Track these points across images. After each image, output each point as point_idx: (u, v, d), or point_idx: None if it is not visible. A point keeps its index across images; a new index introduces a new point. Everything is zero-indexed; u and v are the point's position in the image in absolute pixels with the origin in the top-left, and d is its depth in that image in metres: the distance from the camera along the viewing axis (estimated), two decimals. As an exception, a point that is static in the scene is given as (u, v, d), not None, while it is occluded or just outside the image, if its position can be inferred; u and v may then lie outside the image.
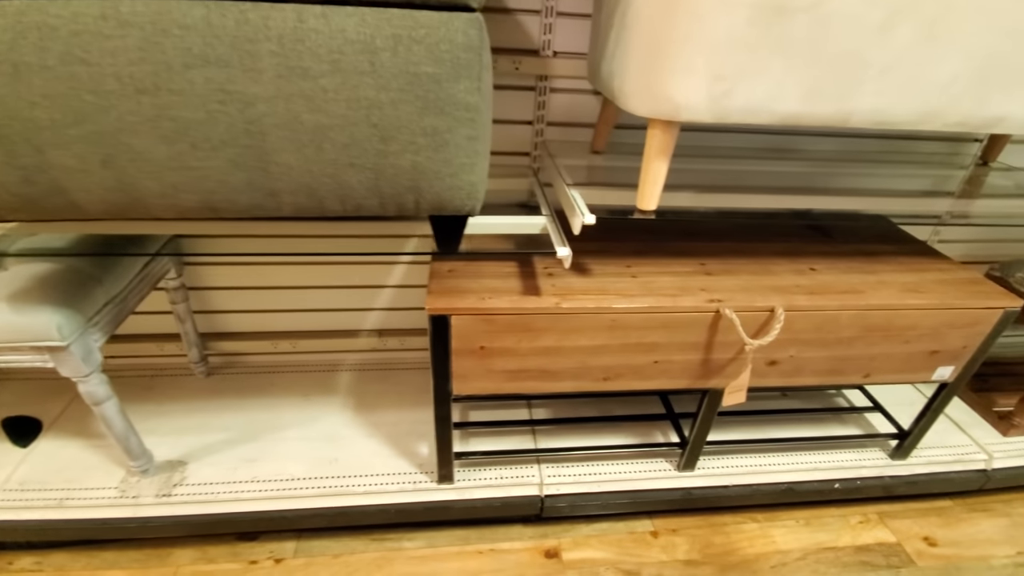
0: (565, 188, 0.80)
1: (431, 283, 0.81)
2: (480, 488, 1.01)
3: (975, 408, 1.26)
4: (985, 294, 0.89)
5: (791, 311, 0.83)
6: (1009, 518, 1.21)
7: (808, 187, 1.03)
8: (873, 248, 1.03)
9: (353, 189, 0.59)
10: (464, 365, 0.83)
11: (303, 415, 1.14)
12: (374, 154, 0.57)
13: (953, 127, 0.68)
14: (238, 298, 1.19)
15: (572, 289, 0.82)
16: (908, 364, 0.94)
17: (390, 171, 0.58)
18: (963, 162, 1.15)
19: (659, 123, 0.67)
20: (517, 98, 0.99)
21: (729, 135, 1.10)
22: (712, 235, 1.04)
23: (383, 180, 0.59)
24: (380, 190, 0.60)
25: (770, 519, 1.17)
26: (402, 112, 0.55)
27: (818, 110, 0.65)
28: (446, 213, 0.63)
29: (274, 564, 1.02)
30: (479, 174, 0.61)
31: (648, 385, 0.90)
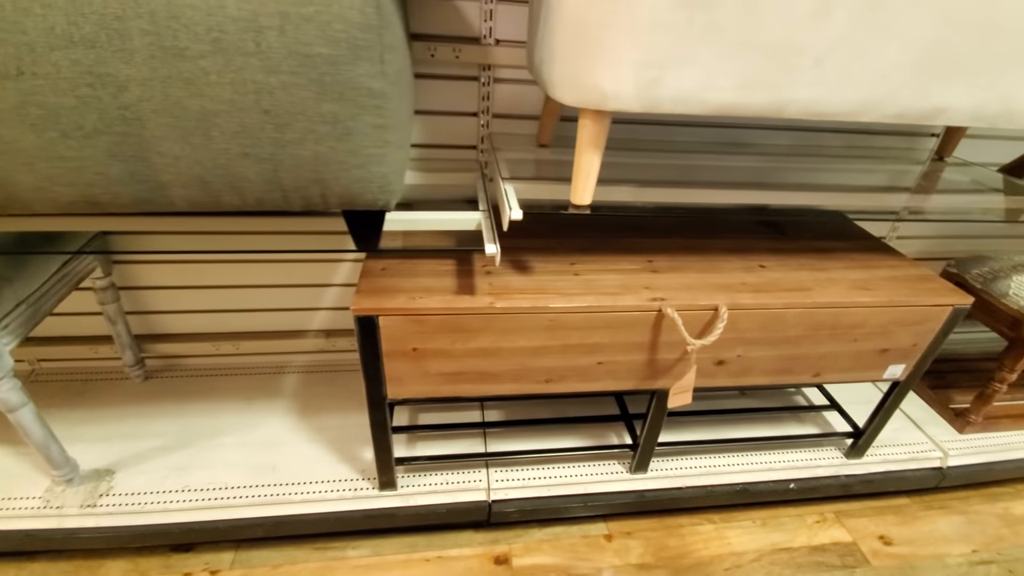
0: (500, 182, 0.77)
1: (361, 282, 0.77)
2: (424, 494, 0.97)
3: (932, 405, 1.26)
4: (934, 291, 0.87)
5: (735, 310, 0.81)
6: (965, 516, 1.20)
7: (761, 182, 1.01)
8: (826, 245, 1.01)
9: (250, 181, 0.54)
10: (397, 368, 0.79)
11: (243, 420, 1.09)
12: (270, 143, 0.52)
13: (892, 118, 0.66)
14: (176, 298, 1.13)
15: (509, 288, 0.79)
16: (858, 363, 0.92)
17: (290, 162, 0.54)
18: (919, 157, 1.14)
19: (589, 113, 0.64)
20: (459, 88, 0.95)
21: (682, 129, 1.07)
22: (663, 231, 1.01)
23: (283, 171, 0.54)
24: (281, 182, 0.55)
25: (726, 520, 1.15)
26: (296, 97, 0.50)
27: (753, 100, 0.61)
28: (357, 208, 0.59)
29: (210, 576, 0.98)
30: (391, 166, 0.57)
31: (593, 387, 0.86)
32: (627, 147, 1.05)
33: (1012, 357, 1.08)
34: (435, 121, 0.97)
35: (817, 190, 1.01)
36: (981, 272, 1.14)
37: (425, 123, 0.97)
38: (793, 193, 0.98)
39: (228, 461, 1.00)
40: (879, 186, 1.07)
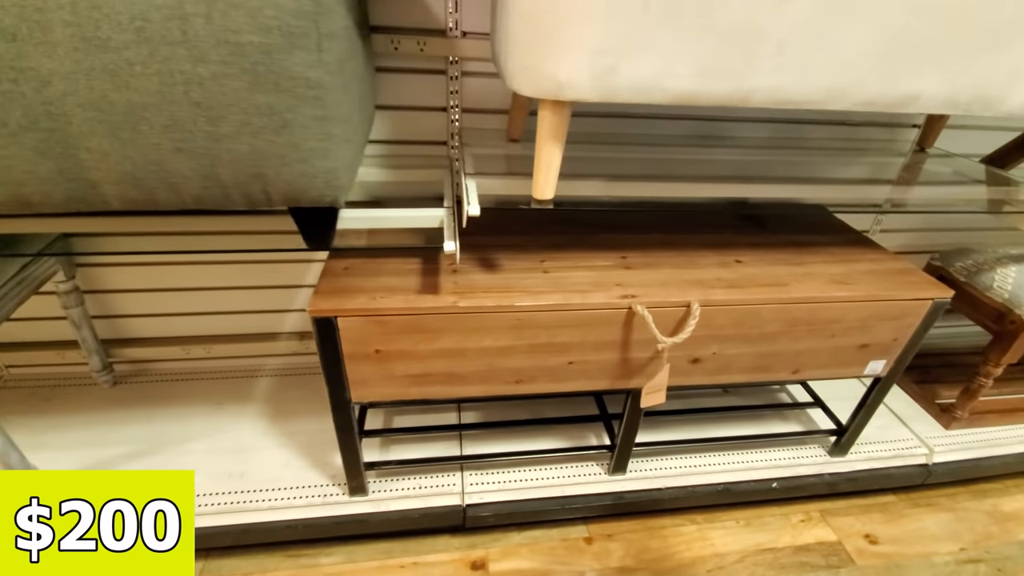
0: (462, 178, 0.74)
1: (321, 282, 0.75)
2: (396, 499, 0.95)
3: (918, 401, 1.24)
4: (914, 285, 0.85)
5: (708, 306, 0.78)
6: (953, 513, 1.18)
7: (740, 175, 0.99)
8: (806, 239, 0.99)
9: (186, 178, 0.52)
10: (360, 370, 0.76)
11: (213, 425, 1.06)
12: (204, 137, 0.50)
13: (863, 106, 0.64)
14: (143, 301, 1.11)
15: (475, 287, 0.76)
16: (837, 359, 0.90)
17: (227, 156, 0.51)
18: (901, 149, 1.12)
19: (548, 104, 0.62)
20: (426, 82, 0.92)
21: (659, 122, 1.05)
22: (639, 228, 0.98)
23: (221, 167, 0.52)
24: (219, 178, 0.53)
25: (710, 521, 1.12)
26: (228, 88, 0.48)
27: (714, 88, 0.59)
28: (303, 205, 0.56)
29: (178, 586, 0.95)
30: (338, 160, 0.55)
31: (565, 387, 0.84)
32: (604, 141, 1.03)
33: (996, 351, 1.06)
34: (402, 116, 0.95)
35: (797, 182, 0.99)
36: (965, 265, 1.12)
37: (392, 118, 0.95)
38: (772, 186, 0.96)
39: (195, 467, 0.97)
40: (861, 178, 1.05)
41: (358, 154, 0.62)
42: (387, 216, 0.72)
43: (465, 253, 0.86)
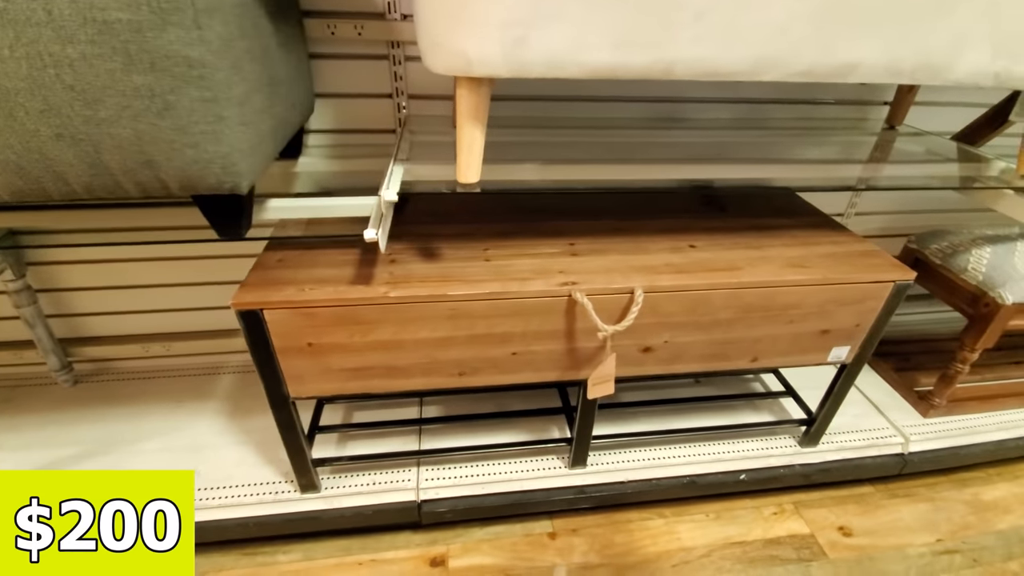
0: (391, 164, 0.72)
1: (250, 275, 0.73)
2: (349, 496, 0.93)
3: (897, 389, 1.20)
4: (874, 267, 0.82)
5: (654, 292, 0.75)
6: (931, 503, 1.15)
7: (699, 157, 0.96)
8: (768, 222, 0.95)
9: (72, 166, 0.50)
10: (294, 365, 0.74)
11: (169, 424, 1.05)
12: (83, 122, 0.48)
13: (800, 76, 0.60)
14: (100, 299, 1.10)
15: (410, 276, 0.74)
16: (798, 346, 0.86)
17: (109, 142, 0.49)
18: (872, 128, 1.08)
19: (463, 82, 0.59)
20: (369, 68, 0.89)
21: (618, 104, 1.02)
22: (593, 213, 0.95)
23: (106, 153, 0.50)
24: (107, 166, 0.51)
25: (678, 514, 1.10)
26: (101, 69, 0.46)
27: (634, 60, 0.56)
28: (201, 192, 0.54)
29: (133, 586, 0.94)
30: (232, 145, 0.52)
31: (512, 379, 0.82)
32: (561, 126, 1.00)
33: (972, 336, 1.02)
34: (347, 104, 0.93)
35: (760, 163, 0.95)
36: (940, 247, 1.08)
37: (337, 106, 0.93)
38: (732, 166, 0.92)
39: (147, 466, 0.96)
40: (828, 158, 1.02)
41: (266, 140, 0.59)
42: (316, 206, 0.70)
43: (408, 243, 0.83)
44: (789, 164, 0.93)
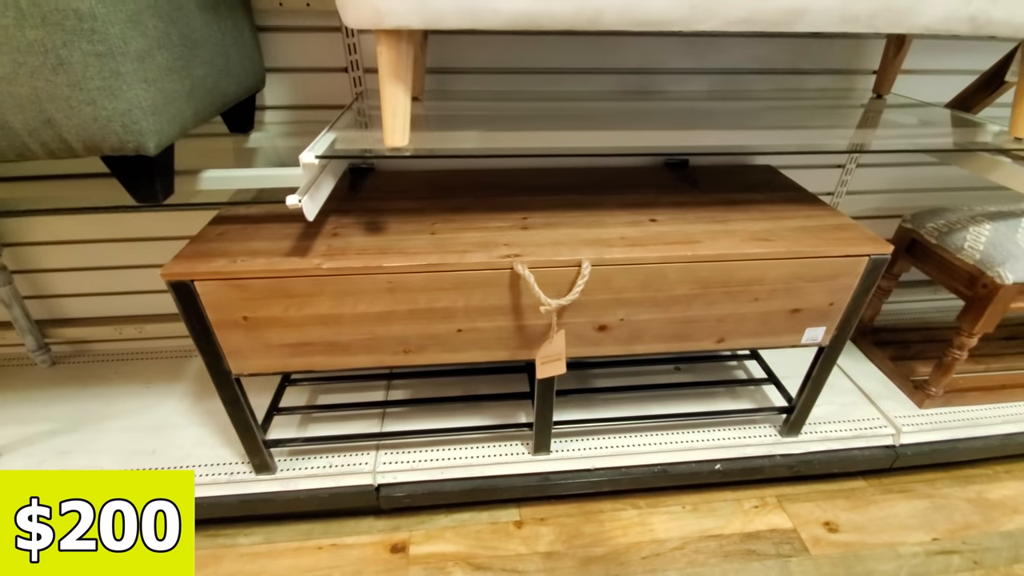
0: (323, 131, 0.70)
1: (186, 247, 0.72)
2: (305, 478, 0.91)
3: (892, 378, 1.13)
4: (847, 240, 0.76)
5: (603, 266, 0.71)
6: (930, 500, 1.07)
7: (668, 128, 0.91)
8: (740, 197, 0.90)
9: (-32, 125, 0.49)
10: (232, 340, 0.73)
11: (137, 404, 1.05)
12: (-24, 79, 0.47)
13: (740, 25, 0.56)
14: (75, 280, 1.11)
15: (348, 249, 0.72)
16: (767, 326, 0.81)
17: (10, 102, 0.48)
18: (860, 98, 1.01)
19: (381, 37, 0.56)
20: (321, 41, 0.88)
21: (589, 77, 0.98)
22: (557, 189, 0.92)
23: (8, 113, 0.49)
24: (11, 126, 0.50)
25: (653, 505, 1.05)
26: (-17, 22, 0.44)
27: (556, 7, 0.53)
28: (106, 153, 0.53)
29: (97, 564, 0.95)
30: (132, 102, 0.51)
31: (459, 358, 0.79)
32: (525, 98, 0.97)
33: (969, 319, 0.95)
34: (301, 79, 0.91)
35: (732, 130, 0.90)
36: (936, 225, 1.00)
37: (290, 81, 0.91)
38: (700, 132, 0.87)
39: (109, 446, 0.96)
40: (809, 125, 0.95)
41: (178, 101, 0.57)
42: (248, 175, 0.68)
43: (355, 217, 0.81)
44: (762, 131, 0.87)
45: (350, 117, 0.79)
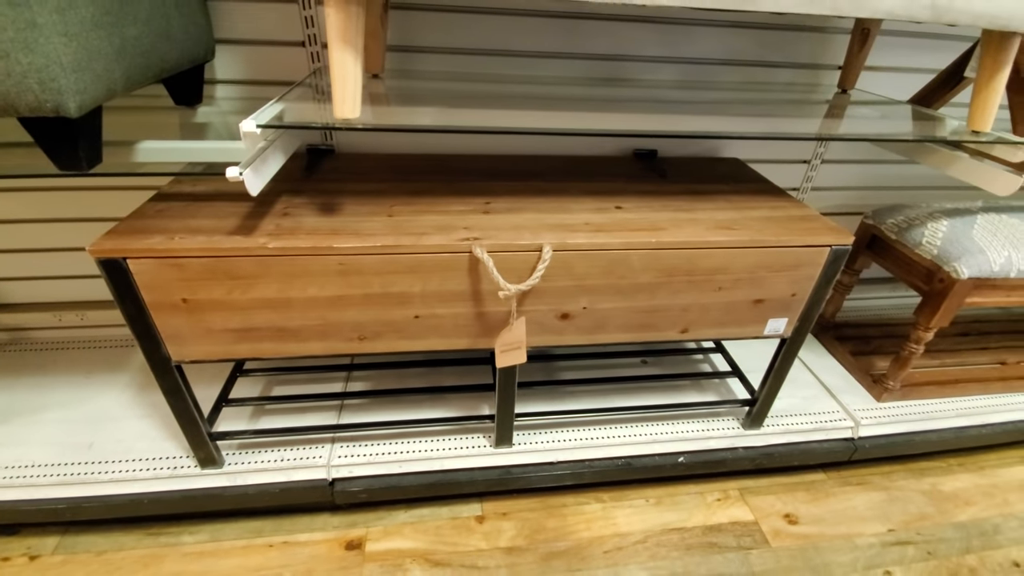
0: (270, 102, 0.66)
1: (121, 223, 0.67)
2: (254, 472, 0.87)
3: (853, 373, 1.14)
4: (809, 231, 0.76)
5: (565, 251, 0.69)
6: (886, 492, 1.09)
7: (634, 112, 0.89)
8: (706, 187, 0.89)
9: None
10: (171, 324, 0.68)
11: (75, 395, 0.99)
12: None
13: (702, 1, 0.54)
14: (10, 263, 1.04)
15: (298, 229, 0.68)
16: (730, 316, 0.80)
17: (-96, 49, 0.43)
18: (825, 93, 1.02)
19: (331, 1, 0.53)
20: (276, 11, 0.83)
21: (558, 61, 0.96)
22: (522, 175, 0.89)
23: (-102, 61, 0.44)
24: (-97, 76, 0.44)
25: (617, 499, 1.04)
26: None
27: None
28: (23, 114, 0.48)
29: (28, 561, 0.88)
30: (50, 56, 0.46)
31: (417, 345, 0.76)
32: (492, 80, 0.94)
33: (926, 313, 0.96)
34: (255, 52, 0.86)
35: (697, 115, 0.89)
36: (896, 222, 1.02)
37: (244, 54, 0.86)
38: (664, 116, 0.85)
39: (43, 438, 0.90)
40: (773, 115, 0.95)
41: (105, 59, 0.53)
42: (187, 148, 0.64)
43: (310, 198, 0.77)
44: (726, 117, 0.86)
45: (304, 91, 0.75)
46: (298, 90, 0.75)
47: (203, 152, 0.64)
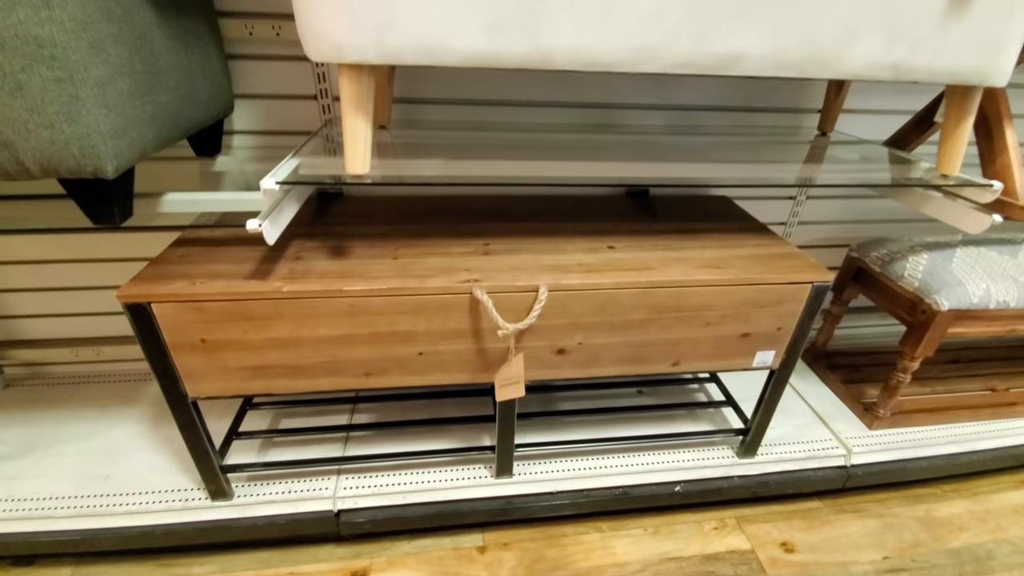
0: (287, 157, 0.71)
1: (146, 268, 0.72)
2: (262, 504, 0.90)
3: (845, 400, 1.17)
4: (791, 268, 0.80)
5: (560, 291, 0.74)
6: (881, 519, 1.11)
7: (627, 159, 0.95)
8: (695, 226, 0.94)
9: (-78, 146, 0.49)
10: (189, 363, 0.73)
11: (91, 428, 1.03)
12: (-69, 101, 0.47)
13: (681, 67, 0.60)
14: (32, 301, 1.08)
15: (310, 272, 0.73)
16: (720, 349, 0.84)
17: (-36, 123, 0.49)
18: (806, 135, 1.07)
19: (343, 71, 0.58)
20: (290, 69, 0.90)
21: (549, 110, 1.02)
22: (520, 216, 0.95)
23: (-41, 134, 0.49)
24: (-39, 147, 0.50)
25: (616, 528, 1.06)
26: (-57, 47, 0.45)
27: (509, 48, 0.56)
28: (63, 176, 0.53)
29: (41, 595, 0.91)
30: (91, 126, 0.52)
31: (421, 381, 0.80)
32: (489, 129, 1.00)
33: (911, 344, 1.00)
34: (270, 105, 0.93)
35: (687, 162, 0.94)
36: (880, 255, 1.06)
37: (260, 108, 0.93)
38: (657, 164, 0.91)
39: (61, 471, 0.93)
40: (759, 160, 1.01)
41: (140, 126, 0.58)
42: (209, 199, 0.69)
43: (320, 241, 0.82)
44: (718, 164, 0.92)
45: (317, 143, 0.81)
46: (312, 143, 0.80)
47: (224, 203, 0.69)
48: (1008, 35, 0.66)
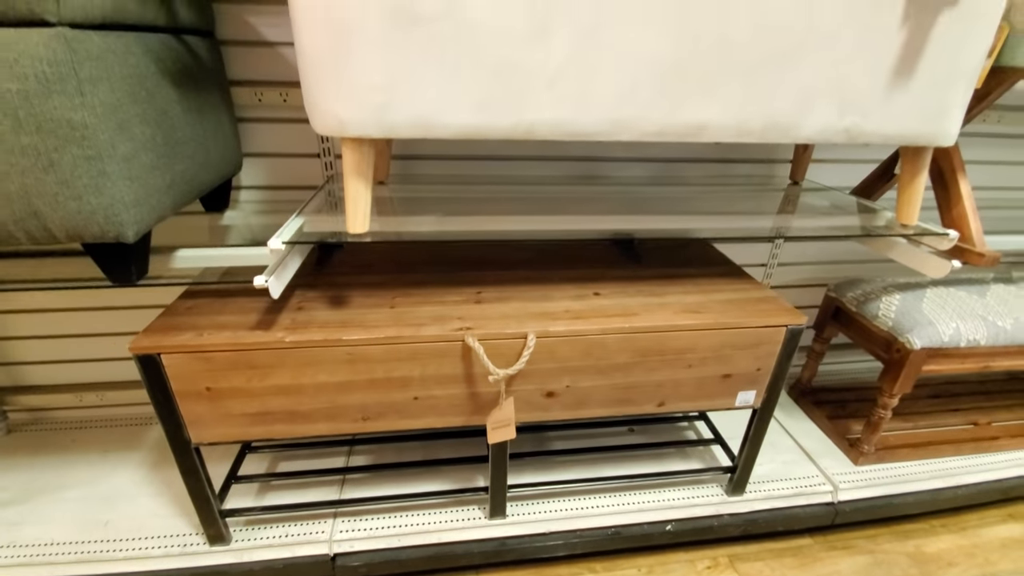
0: (293, 216, 0.76)
1: (156, 320, 0.76)
2: (259, 549, 0.91)
3: (831, 436, 1.20)
4: (766, 312, 0.85)
5: (547, 338, 0.78)
6: (871, 556, 1.12)
7: (612, 211, 1.01)
8: (677, 271, 0.99)
9: (-39, 217, 0.54)
10: (194, 410, 0.76)
11: (93, 473, 1.05)
12: (-29, 178, 0.52)
13: (654, 136, 0.66)
14: (37, 348, 1.12)
15: (311, 322, 0.77)
16: (702, 390, 0.88)
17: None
18: (779, 184, 1.14)
19: (345, 142, 0.64)
20: (295, 131, 0.96)
21: (537, 163, 1.09)
22: (510, 264, 1.00)
23: (-5, 206, 0.54)
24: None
25: (609, 569, 1.07)
26: (-12, 132, 0.51)
27: (496, 122, 0.62)
28: (88, 241, 0.58)
29: (36, 646, 0.91)
30: (116, 197, 0.57)
31: (416, 424, 0.83)
32: (479, 182, 1.06)
33: (888, 381, 1.04)
34: (276, 163, 0.99)
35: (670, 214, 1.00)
36: (856, 295, 1.11)
37: (266, 165, 0.99)
38: (643, 217, 0.97)
39: (63, 516, 0.95)
40: (735, 211, 1.07)
41: (158, 193, 0.64)
42: (219, 255, 0.74)
43: (321, 291, 0.87)
44: (696, 216, 0.97)
45: (320, 200, 0.86)
46: (315, 201, 0.86)
47: (233, 258, 0.74)
48: (951, 102, 0.73)
